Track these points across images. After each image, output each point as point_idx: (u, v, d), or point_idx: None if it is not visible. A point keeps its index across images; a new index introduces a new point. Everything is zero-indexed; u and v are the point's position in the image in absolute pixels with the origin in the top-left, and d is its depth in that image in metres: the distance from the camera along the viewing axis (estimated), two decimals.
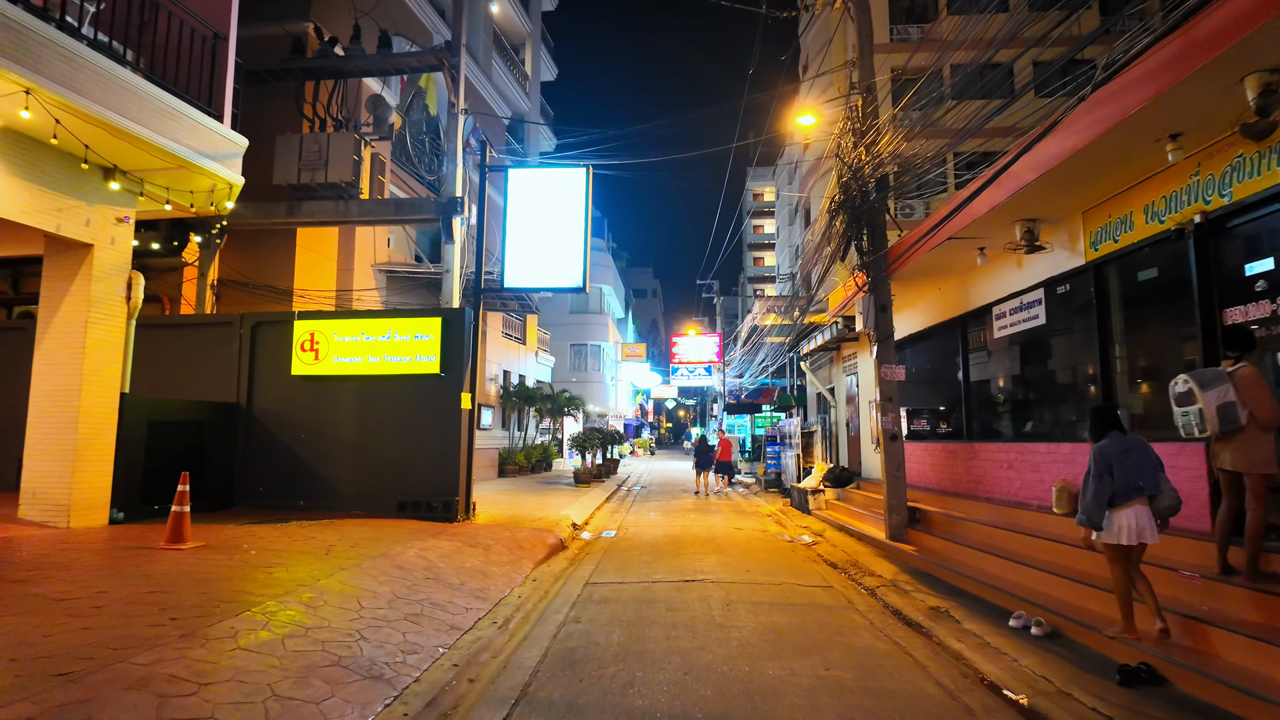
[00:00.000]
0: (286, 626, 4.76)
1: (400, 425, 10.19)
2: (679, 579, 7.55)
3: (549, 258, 10.75)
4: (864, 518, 11.37)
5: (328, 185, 11.34)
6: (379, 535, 8.41)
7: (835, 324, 12.98)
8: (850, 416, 14.93)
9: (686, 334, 39.67)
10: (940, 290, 10.52)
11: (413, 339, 10.07)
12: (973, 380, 9.78)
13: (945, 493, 10.12)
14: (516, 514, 11.61)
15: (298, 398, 10.47)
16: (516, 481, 19.28)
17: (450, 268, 11.00)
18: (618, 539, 10.61)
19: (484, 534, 9.08)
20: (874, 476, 13.28)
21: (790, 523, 12.66)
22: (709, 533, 11.31)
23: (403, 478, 10.03)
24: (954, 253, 8.71)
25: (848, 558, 9.10)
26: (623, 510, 14.65)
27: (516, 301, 18.78)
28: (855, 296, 10.89)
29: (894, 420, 9.65)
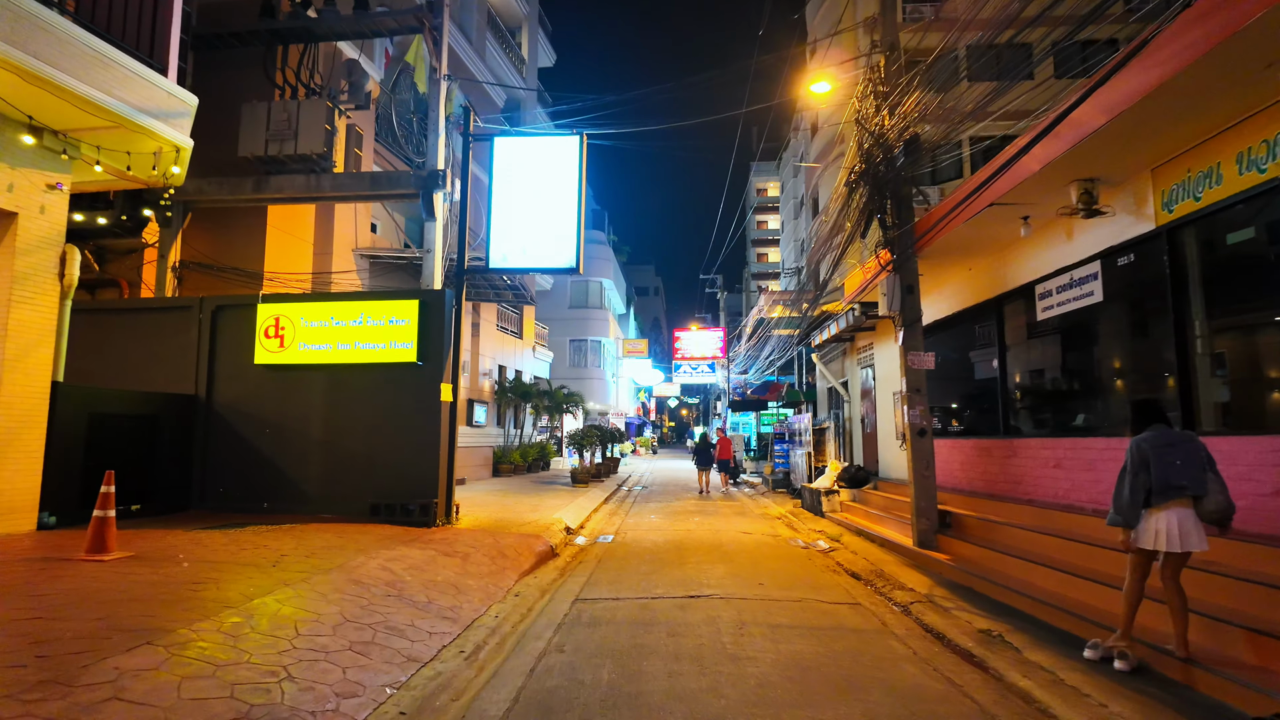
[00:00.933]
0: (191, 664, 3.79)
1: (373, 420, 9.22)
2: (682, 594, 6.57)
3: (539, 236, 9.76)
4: (885, 521, 10.38)
5: (298, 158, 10.39)
6: (342, 543, 7.44)
7: (851, 311, 11.99)
8: (866, 412, 13.94)
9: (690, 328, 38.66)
10: (971, 271, 9.52)
11: (387, 324, 9.10)
12: (1010, 369, 8.78)
13: (977, 494, 9.13)
14: (505, 517, 10.64)
15: (262, 389, 9.51)
16: (511, 481, 18.32)
17: (432, 248, 10.03)
18: (615, 545, 9.64)
19: (464, 541, 8.11)
20: (892, 476, 12.30)
21: (803, 526, 11.67)
22: (715, 537, 10.33)
23: (376, 478, 9.07)
24: (992, 224, 7.71)
25: (871, 567, 8.12)
26: (622, 512, 13.67)
27: (511, 292, 17.81)
28: (877, 278, 9.90)
29: (922, 414, 8.66)
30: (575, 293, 33.29)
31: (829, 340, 14.67)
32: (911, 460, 8.62)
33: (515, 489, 16.04)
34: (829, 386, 16.89)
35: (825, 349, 16.11)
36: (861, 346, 14.17)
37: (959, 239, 8.36)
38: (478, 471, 18.94)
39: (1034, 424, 8.37)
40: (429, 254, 10.02)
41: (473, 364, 19.19)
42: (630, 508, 14.48)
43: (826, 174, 23.77)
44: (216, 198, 10.69)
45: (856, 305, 11.86)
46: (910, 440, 8.65)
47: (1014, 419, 8.70)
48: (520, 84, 23.96)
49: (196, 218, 11.26)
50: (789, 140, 48.85)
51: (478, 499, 13.29)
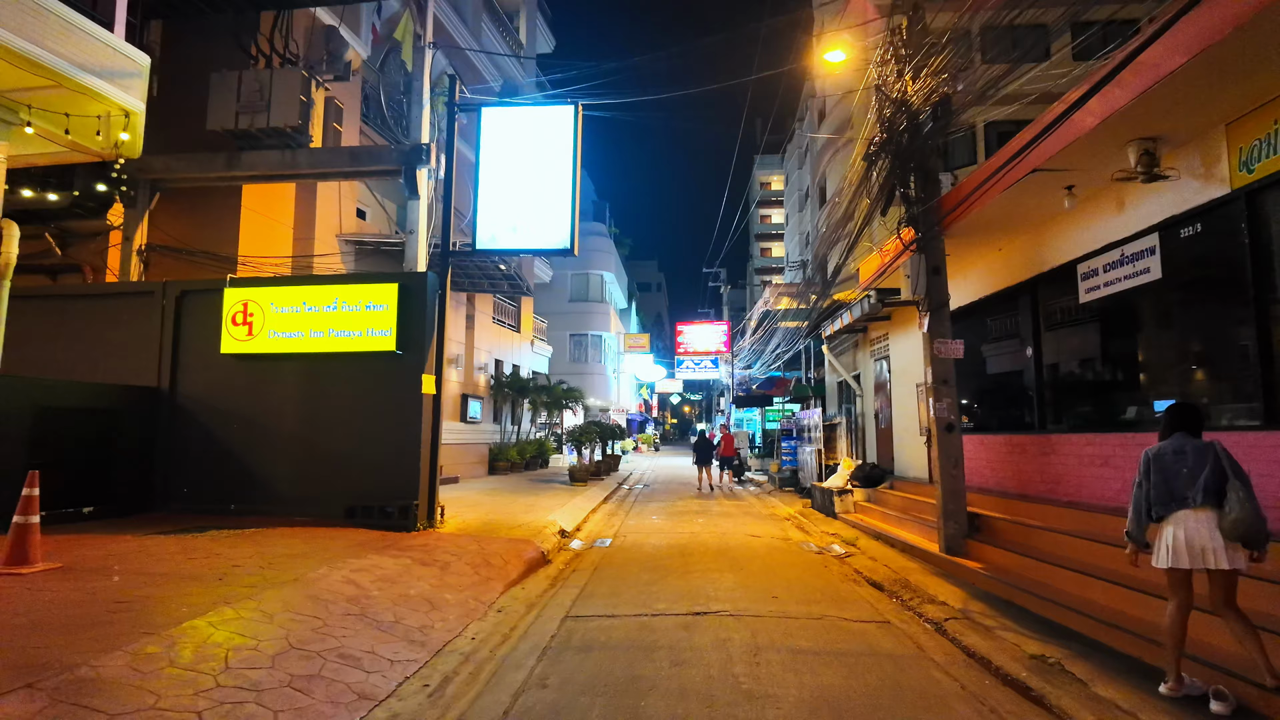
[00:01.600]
0: (73, 714, 3.04)
1: (350, 415, 8.48)
2: (687, 610, 5.80)
3: (531, 214, 8.98)
4: (904, 523, 9.61)
5: (271, 131, 9.63)
6: (308, 550, 6.69)
7: (866, 298, 11.21)
8: (880, 407, 13.16)
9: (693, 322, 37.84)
10: (1001, 252, 8.73)
11: (363, 310, 8.35)
12: (1047, 358, 8.00)
13: (1007, 494, 8.35)
14: (495, 519, 9.88)
15: (229, 381, 8.77)
16: (507, 479, 17.57)
17: (415, 228, 9.27)
18: (613, 549, 8.88)
19: (446, 547, 7.36)
20: (910, 475, 11.52)
21: (814, 528, 10.90)
22: (721, 541, 9.57)
23: (353, 478, 8.32)
24: (1031, 195, 6.93)
25: (894, 576, 7.35)
26: (621, 512, 12.92)
27: (507, 282, 17.05)
28: (899, 260, 9.12)
29: (950, 407, 7.89)
30: (575, 286, 32.51)
31: (840, 331, 13.89)
32: (938, 458, 7.84)
33: (510, 488, 15.29)
34: (839, 380, 16.10)
35: (836, 341, 15.33)
36: (875, 337, 13.39)
37: (991, 214, 7.57)
38: (473, 469, 18.20)
39: (1076, 418, 7.58)
40: (412, 235, 9.26)
41: (467, 357, 18.44)
42: (631, 508, 13.72)
43: (834, 161, 22.95)
44: (185, 175, 9.94)
45: (872, 292, 11.07)
46: (937, 436, 7.87)
47: (1051, 413, 7.91)
48: (518, 71, 23.17)
49: (166, 199, 10.51)
50: (794, 131, 48.02)
51: (469, 498, 12.54)
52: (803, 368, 22.26)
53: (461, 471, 17.26)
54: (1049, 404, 7.93)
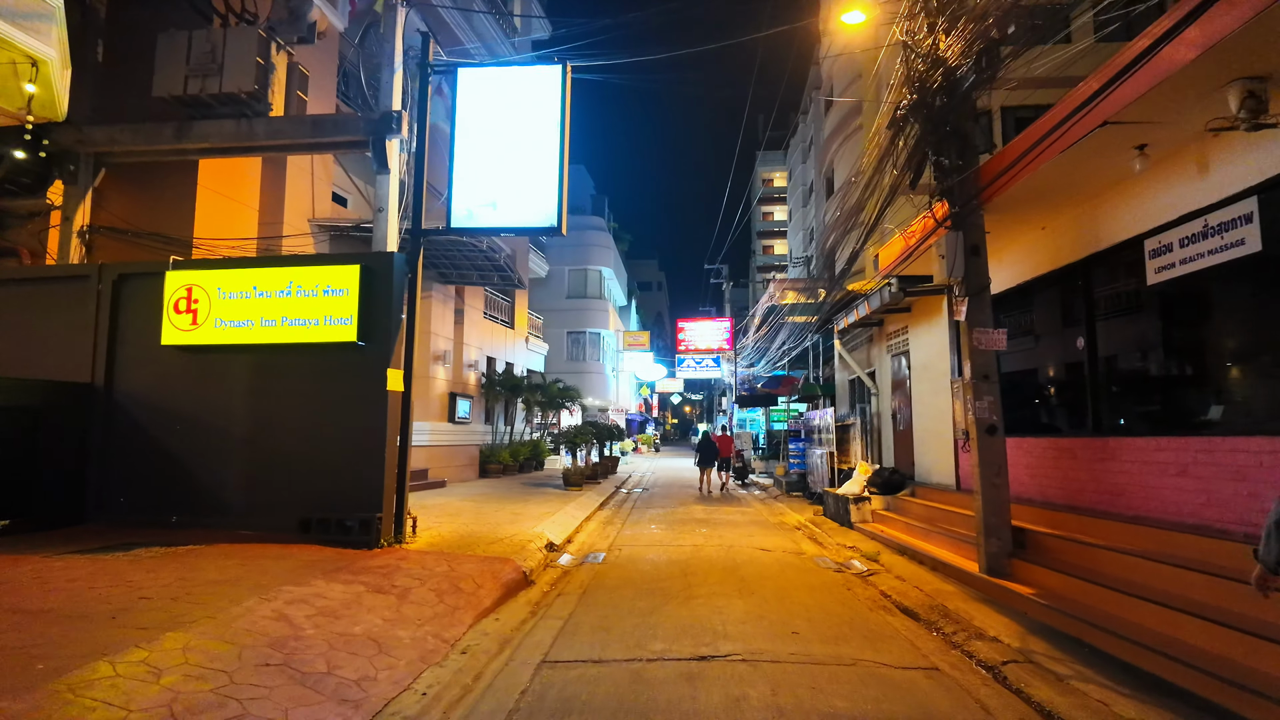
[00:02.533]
0: None
1: (305, 414, 7.48)
2: (691, 653, 4.78)
3: (513, 188, 7.97)
4: (931, 536, 8.59)
5: (225, 98, 8.62)
6: (242, 574, 5.69)
7: (887, 287, 10.19)
8: (898, 407, 12.14)
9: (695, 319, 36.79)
10: (1045, 231, 7.71)
11: (321, 295, 7.34)
12: (1103, 350, 6.97)
13: (1052, 506, 7.33)
14: (476, 531, 8.87)
15: (172, 376, 7.77)
16: (498, 484, 16.56)
17: (384, 206, 8.26)
18: (606, 567, 7.87)
19: (409, 569, 6.34)
20: (933, 480, 10.51)
21: (829, 540, 9.89)
22: (727, 555, 8.55)
23: (308, 486, 7.32)
24: (1093, 156, 5.91)
25: (929, 601, 6.34)
26: (618, 521, 11.90)
27: (498, 274, 16.03)
28: (928, 241, 8.11)
29: (991, 406, 6.87)
30: (573, 282, 31.48)
31: (855, 325, 12.87)
32: (977, 465, 6.83)
33: (500, 492, 14.28)
34: (851, 378, 15.09)
35: (849, 335, 14.31)
36: (892, 331, 12.36)
37: (1040, 184, 6.55)
38: (462, 472, 17.20)
39: (1141, 419, 6.55)
40: (381, 213, 8.24)
41: (456, 354, 17.44)
42: (628, 515, 12.71)
43: (842, 150, 21.94)
44: (131, 148, 8.93)
45: (893, 280, 10.04)
46: (976, 440, 6.86)
47: (1108, 412, 6.88)
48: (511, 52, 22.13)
49: (116, 177, 9.51)
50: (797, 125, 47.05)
51: (451, 506, 11.54)
52: (810, 366, 21.24)
53: (450, 474, 16.26)
54: (1106, 402, 6.90)
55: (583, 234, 31.48)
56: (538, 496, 13.74)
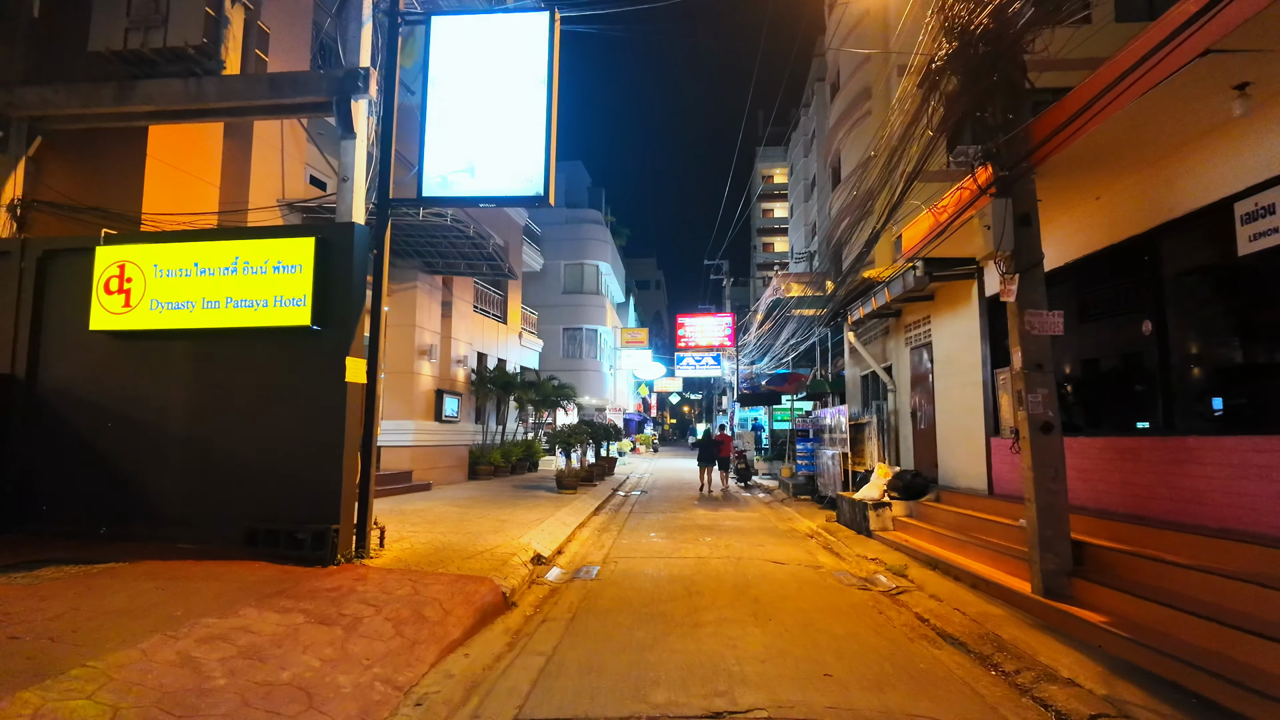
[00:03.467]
0: None
1: (252, 410, 6.51)
2: (703, 709, 3.81)
3: (493, 153, 7.00)
4: (964, 547, 7.65)
5: (171, 54, 7.64)
6: (159, 601, 4.72)
7: (911, 270, 9.23)
8: (918, 403, 11.19)
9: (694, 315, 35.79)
10: (1100, 201, 6.76)
11: (271, 272, 6.37)
12: (1176, 335, 6.02)
13: (1111, 516, 6.38)
14: (453, 542, 7.90)
15: (103, 366, 6.80)
16: (487, 486, 15.59)
17: (349, 175, 7.28)
18: (600, 584, 6.91)
19: (365, 591, 5.38)
20: (959, 484, 9.56)
21: (848, 551, 8.94)
22: (736, 569, 7.60)
23: (255, 493, 6.36)
24: (1177, 100, 4.98)
25: (976, 628, 5.39)
26: (614, 528, 10.94)
27: (486, 264, 15.06)
28: (964, 214, 7.16)
29: (1046, 400, 5.92)
30: (569, 277, 30.50)
31: (870, 315, 11.91)
32: (1031, 468, 5.88)
33: (488, 496, 13.31)
34: (864, 374, 14.14)
35: (862, 328, 13.36)
36: (912, 322, 11.41)
37: (1104, 141, 5.61)
38: (450, 474, 16.22)
39: (1231, 415, 5.59)
40: (346, 183, 7.27)
41: (443, 349, 16.46)
42: (625, 521, 11.75)
43: (850, 136, 20.99)
44: (66, 111, 7.95)
45: (918, 263, 9.10)
46: (1029, 439, 5.90)
47: (1183, 408, 5.93)
48: None
49: (53, 145, 8.51)
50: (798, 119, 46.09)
51: (433, 511, 10.56)
52: (817, 362, 20.28)
53: (436, 477, 15.29)
54: (1181, 396, 5.95)
55: (579, 227, 30.53)
56: (528, 501, 12.77)
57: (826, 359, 19.41)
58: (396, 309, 15.05)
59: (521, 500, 12.79)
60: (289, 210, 11.08)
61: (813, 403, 19.51)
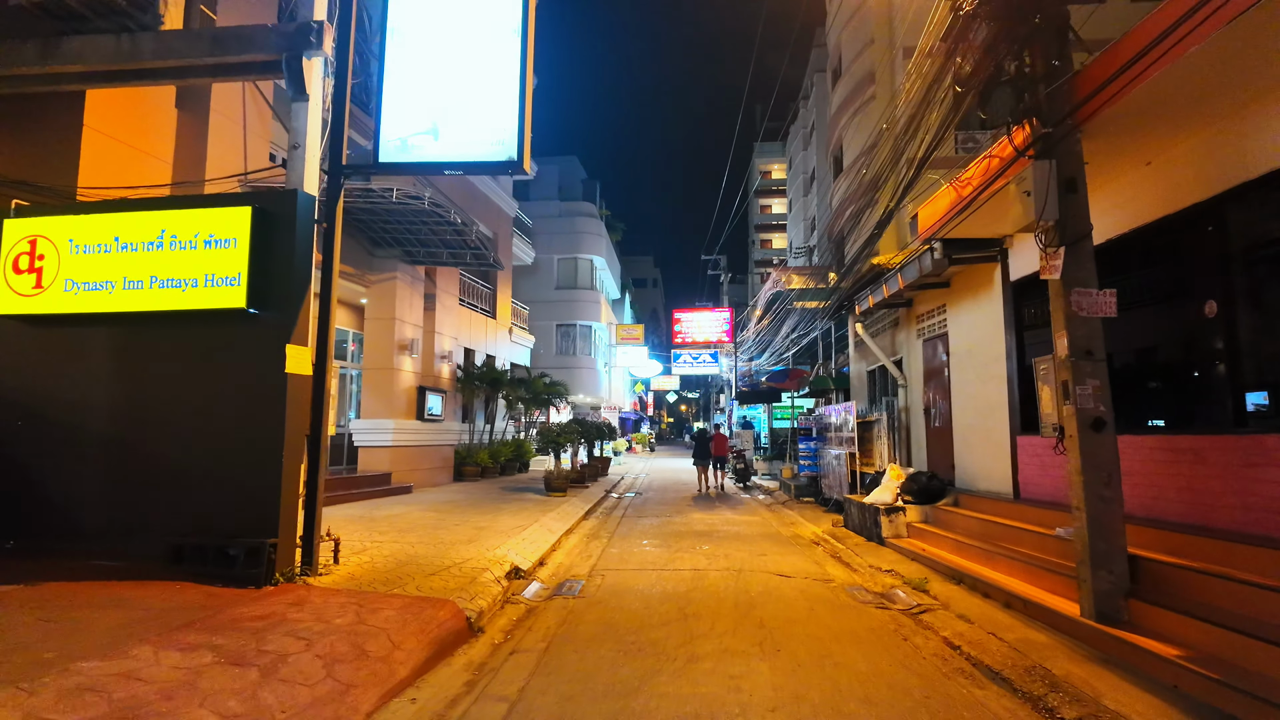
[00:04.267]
0: None
1: (182, 406, 5.67)
2: None
3: (460, 112, 6.16)
4: (992, 559, 6.83)
5: (102, 7, 6.80)
6: (36, 636, 3.89)
7: (929, 253, 8.41)
8: (932, 400, 10.38)
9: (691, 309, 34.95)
10: (1152, 167, 5.94)
11: (201, 247, 5.53)
12: (1247, 318, 5.21)
13: (1170, 526, 5.57)
14: (419, 555, 7.07)
15: (11, 356, 5.96)
16: (472, 489, 14.75)
17: (301, 142, 6.44)
18: (583, 603, 6.08)
19: (297, 620, 4.54)
20: (980, 487, 8.76)
21: (859, 561, 8.13)
22: (737, 584, 6.78)
23: (186, 501, 5.52)
24: (1265, 37, 4.15)
25: (1019, 658, 4.59)
26: (604, 534, 10.11)
27: (471, 252, 14.20)
28: (993, 185, 6.35)
29: (1097, 393, 5.11)
30: (562, 271, 29.65)
31: (879, 305, 11.10)
32: (1080, 471, 5.07)
33: (471, 500, 12.48)
34: (871, 369, 13.33)
35: (870, 319, 12.54)
36: (925, 312, 10.60)
37: (1166, 92, 4.80)
38: (433, 475, 15.38)
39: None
40: (297, 150, 6.42)
41: (426, 343, 15.61)
42: (617, 527, 10.92)
43: (853, 123, 20.19)
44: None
45: (936, 244, 8.28)
46: (1077, 438, 5.09)
47: (1255, 401, 5.12)
48: None
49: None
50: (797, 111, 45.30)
51: (407, 518, 9.73)
52: (820, 357, 19.47)
53: (419, 479, 14.45)
54: (1253, 389, 5.14)
55: (572, 220, 29.68)
56: (513, 504, 11.94)
57: (829, 355, 18.61)
58: (375, 301, 14.21)
59: (506, 504, 11.95)
60: (247, 189, 10.22)
61: (814, 400, 18.71)
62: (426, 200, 11.10)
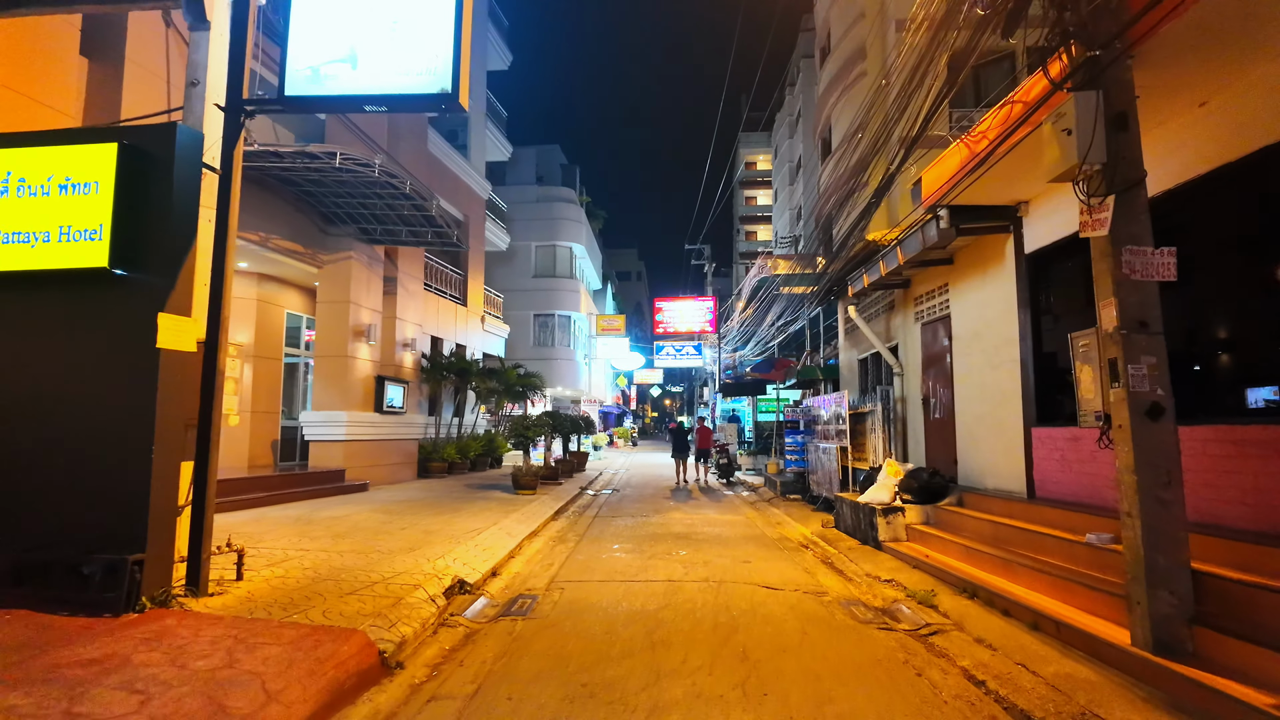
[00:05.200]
0: None
1: (31, 389, 4.58)
2: None
3: (383, 38, 5.10)
4: (1011, 569, 5.93)
5: None
6: None
7: (932, 222, 7.49)
8: (931, 389, 9.48)
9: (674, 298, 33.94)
10: (1206, 109, 5.04)
11: (55, 193, 4.46)
12: None
13: (1234, 534, 4.69)
14: (344, 568, 6.05)
15: None
16: (435, 486, 13.71)
17: (200, 77, 5.39)
18: (534, 625, 5.10)
19: (144, 663, 3.51)
20: (988, 485, 7.88)
21: (855, 568, 7.21)
22: (718, 599, 5.84)
23: (34, 506, 4.44)
24: None
25: (1062, 702, 3.69)
26: (572, 537, 9.12)
27: (431, 229, 13.06)
28: (1019, 128, 5.41)
29: (1154, 373, 4.20)
30: (540, 259, 28.53)
31: (873, 286, 10.18)
32: (1132, 469, 4.16)
33: (431, 498, 11.45)
34: (861, 357, 12.43)
35: (863, 303, 11.63)
36: (924, 293, 9.70)
37: (1233, 6, 3.87)
38: (394, 472, 14.32)
39: None
40: (195, 87, 5.37)
41: (385, 330, 14.52)
42: (588, 528, 9.94)
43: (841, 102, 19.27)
44: None
45: (943, 212, 7.35)
46: (1129, 428, 4.18)
47: None
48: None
49: None
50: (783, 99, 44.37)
51: (348, 521, 8.69)
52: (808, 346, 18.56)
53: (377, 476, 13.39)
54: None
55: (551, 206, 28.56)
56: (475, 504, 10.92)
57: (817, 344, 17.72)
58: (328, 283, 13.10)
59: (468, 503, 10.93)
60: None
61: (801, 392, 17.83)
62: (377, 168, 10.01)
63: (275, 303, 13.64)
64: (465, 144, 20.07)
